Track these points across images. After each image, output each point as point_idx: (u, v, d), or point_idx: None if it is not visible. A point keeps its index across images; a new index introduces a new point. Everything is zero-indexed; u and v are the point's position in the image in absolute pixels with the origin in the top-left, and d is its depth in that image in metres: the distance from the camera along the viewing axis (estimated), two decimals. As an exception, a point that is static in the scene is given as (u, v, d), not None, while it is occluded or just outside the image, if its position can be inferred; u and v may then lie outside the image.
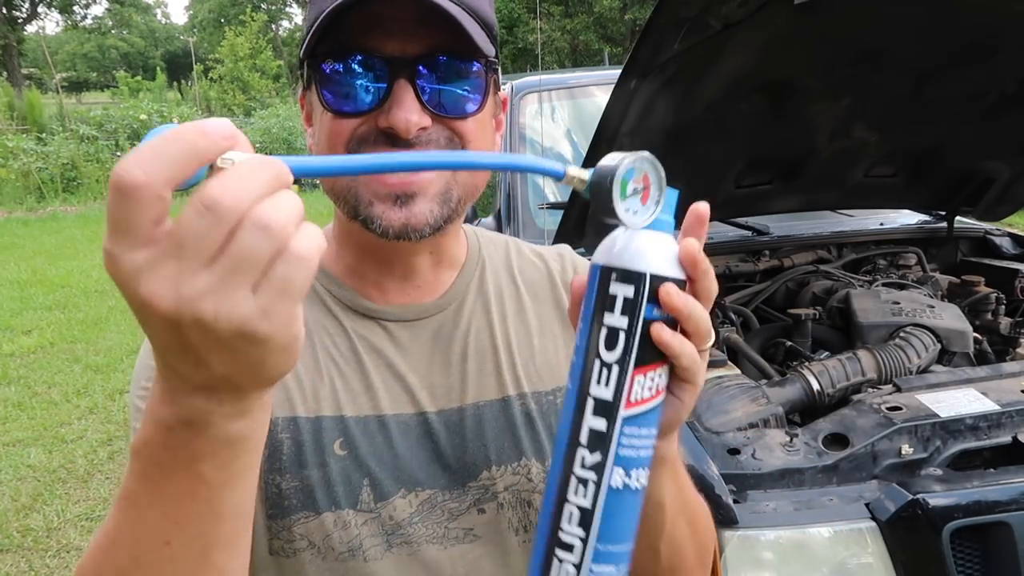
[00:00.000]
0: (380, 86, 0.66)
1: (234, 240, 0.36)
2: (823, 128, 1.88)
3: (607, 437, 0.51)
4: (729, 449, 1.28)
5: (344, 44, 0.66)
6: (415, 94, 0.66)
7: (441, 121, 0.68)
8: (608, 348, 0.51)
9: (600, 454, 0.51)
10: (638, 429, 0.52)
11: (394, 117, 0.65)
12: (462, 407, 0.77)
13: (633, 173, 0.49)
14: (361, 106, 0.67)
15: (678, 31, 1.31)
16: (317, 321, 0.76)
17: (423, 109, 0.66)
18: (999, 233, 2.46)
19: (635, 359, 0.51)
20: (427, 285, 0.79)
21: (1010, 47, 1.63)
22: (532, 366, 0.81)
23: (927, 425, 1.28)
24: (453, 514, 0.75)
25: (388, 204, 0.67)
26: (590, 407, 0.51)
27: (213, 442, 0.43)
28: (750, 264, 2.27)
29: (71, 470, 3.34)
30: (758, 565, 1.15)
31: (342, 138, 0.68)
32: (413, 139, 0.66)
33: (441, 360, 0.78)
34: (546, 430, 0.79)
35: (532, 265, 0.87)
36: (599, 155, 1.72)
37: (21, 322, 5.53)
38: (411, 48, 0.66)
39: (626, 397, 0.51)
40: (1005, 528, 1.14)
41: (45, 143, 11.64)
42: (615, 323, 0.51)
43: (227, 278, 0.36)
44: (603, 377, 0.51)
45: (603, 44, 17.83)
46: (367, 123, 0.67)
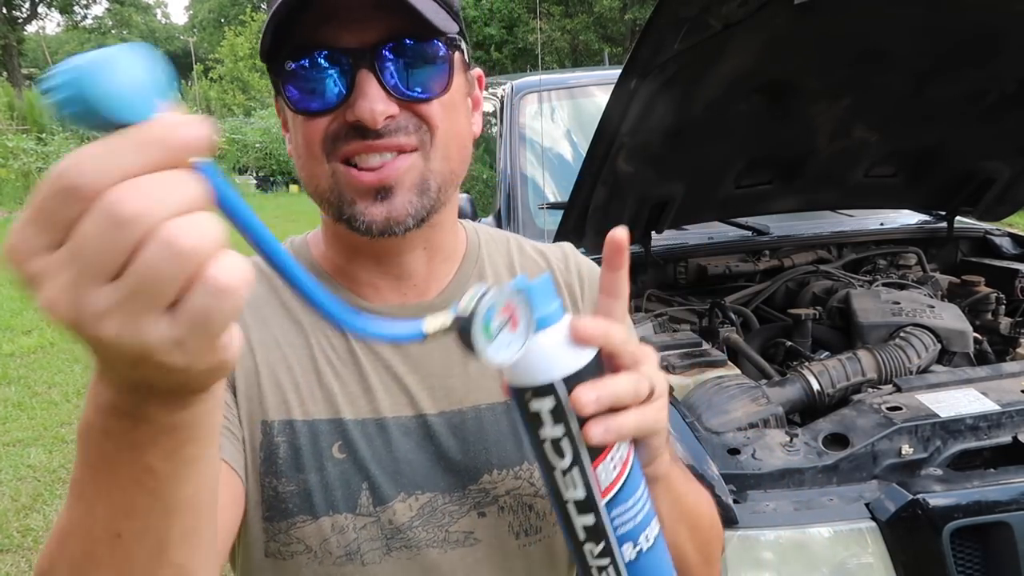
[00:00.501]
0: (343, 79, 0.65)
1: (138, 257, 0.31)
2: (823, 128, 1.88)
3: (600, 527, 0.53)
4: (729, 449, 1.28)
5: (301, 41, 0.65)
6: (378, 83, 0.64)
7: (408, 107, 0.66)
8: (559, 457, 0.52)
9: (604, 542, 0.54)
10: (624, 504, 0.53)
11: (359, 109, 0.63)
12: (463, 409, 0.76)
13: (494, 311, 0.48)
14: (327, 103, 0.66)
15: (678, 31, 1.31)
16: (313, 323, 0.75)
17: (388, 97, 0.65)
18: (999, 233, 2.46)
19: (588, 456, 0.52)
20: (423, 283, 0.78)
21: (1010, 47, 1.63)
22: None
23: (927, 425, 1.28)
24: (453, 517, 0.74)
25: (369, 200, 0.67)
26: (573, 510, 0.53)
27: (152, 430, 0.39)
28: (750, 264, 2.27)
29: (71, 470, 3.34)
30: (758, 565, 1.15)
31: (316, 139, 0.67)
32: (382, 129, 0.65)
33: (441, 361, 0.76)
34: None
35: (534, 263, 0.86)
36: (599, 155, 1.69)
37: (21, 322, 5.53)
38: (369, 36, 0.64)
39: (598, 489, 0.52)
40: (1005, 528, 1.14)
41: (45, 143, 11.65)
42: (553, 434, 0.52)
43: (130, 299, 0.32)
44: (569, 482, 0.53)
45: (603, 44, 17.83)
46: (336, 119, 0.66)
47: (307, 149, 0.68)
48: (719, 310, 1.92)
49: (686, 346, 1.68)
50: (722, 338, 1.81)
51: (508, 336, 0.49)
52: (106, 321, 0.32)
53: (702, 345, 1.70)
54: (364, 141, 0.65)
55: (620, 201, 1.80)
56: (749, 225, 2.22)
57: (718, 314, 1.91)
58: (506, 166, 2.45)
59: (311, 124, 0.67)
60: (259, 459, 0.71)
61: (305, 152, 0.68)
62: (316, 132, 0.67)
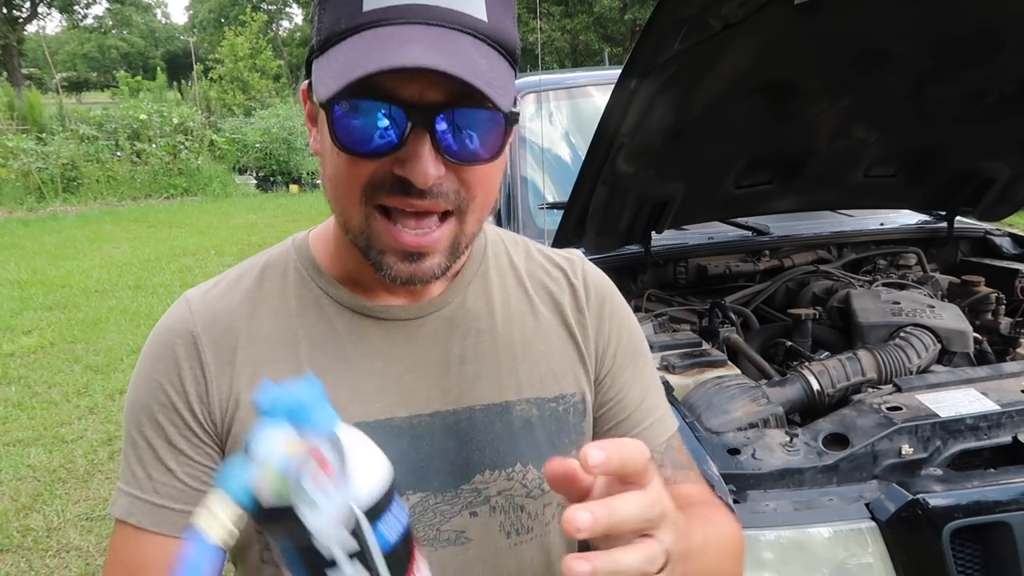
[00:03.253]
0: (396, 131, 0.63)
1: None
2: (823, 128, 1.88)
3: None
4: (729, 449, 1.28)
5: (359, 80, 0.61)
6: (432, 144, 0.62)
7: (453, 169, 0.65)
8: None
9: None
10: None
11: (412, 171, 0.62)
12: (457, 410, 0.76)
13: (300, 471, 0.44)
14: (375, 151, 0.63)
15: (678, 31, 1.31)
16: (308, 330, 0.75)
17: (438, 158, 0.63)
18: (999, 233, 2.46)
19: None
20: (427, 286, 0.78)
21: (1011, 47, 1.63)
22: (536, 372, 0.80)
23: (927, 425, 1.28)
24: (445, 516, 0.75)
25: (399, 258, 0.67)
26: None
27: None
28: (750, 264, 2.27)
29: (71, 470, 3.34)
30: (758, 565, 1.15)
31: (359, 182, 0.65)
32: (427, 190, 0.64)
33: (439, 361, 0.77)
34: (545, 436, 0.78)
35: (541, 268, 0.86)
36: (599, 155, 1.69)
37: (21, 322, 5.53)
38: (430, 95, 0.62)
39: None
40: (1005, 528, 1.14)
41: (45, 143, 11.64)
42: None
43: None
44: None
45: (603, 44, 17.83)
46: (383, 167, 0.64)
47: (346, 185, 0.66)
48: (719, 310, 1.92)
49: (686, 346, 1.68)
50: (722, 338, 1.81)
51: (325, 485, 0.44)
52: None
53: (702, 345, 1.70)
54: (407, 198, 0.64)
55: (620, 201, 1.80)
56: (749, 225, 2.22)
57: (718, 314, 1.91)
58: (506, 166, 2.44)
59: (356, 165, 0.65)
60: None
61: (344, 187, 0.67)
62: (359, 175, 0.65)
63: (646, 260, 2.08)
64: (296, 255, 0.80)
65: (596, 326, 0.84)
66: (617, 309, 0.87)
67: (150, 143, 12.33)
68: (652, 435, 0.84)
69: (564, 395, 0.81)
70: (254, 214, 10.49)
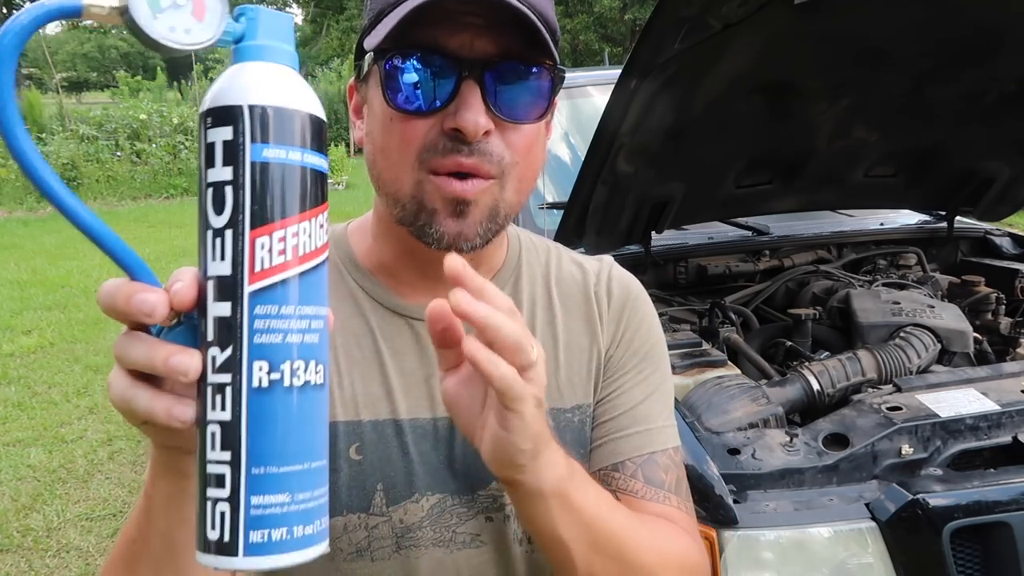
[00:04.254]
0: (448, 86, 0.64)
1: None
2: (823, 128, 1.88)
3: (233, 324, 0.41)
4: (729, 449, 1.28)
5: (411, 40, 0.64)
6: (482, 96, 0.64)
7: (501, 127, 0.67)
8: (216, 210, 0.41)
9: (231, 348, 0.41)
10: (279, 305, 0.42)
11: (462, 119, 0.63)
12: None
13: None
14: (427, 106, 0.65)
15: (678, 31, 1.31)
16: (343, 323, 0.76)
17: (488, 112, 0.65)
18: (999, 233, 2.46)
19: (249, 220, 0.41)
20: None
21: (1010, 47, 1.63)
22: (554, 381, 0.80)
23: (927, 425, 1.28)
24: (461, 519, 0.75)
25: (448, 212, 0.67)
26: (211, 292, 0.42)
27: (156, 465, 0.54)
28: (750, 264, 2.27)
29: (71, 470, 3.34)
30: (758, 565, 1.15)
31: (413, 146, 0.66)
32: (475, 144, 0.65)
33: None
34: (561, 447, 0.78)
35: (570, 276, 0.86)
36: (599, 155, 1.69)
37: (21, 322, 5.53)
38: (481, 48, 0.64)
39: (248, 268, 0.41)
40: (1005, 528, 1.14)
41: (45, 143, 11.63)
42: (218, 177, 0.41)
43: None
44: (216, 249, 0.42)
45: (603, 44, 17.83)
46: (434, 127, 0.66)
47: (401, 150, 0.67)
48: (719, 310, 1.92)
49: (686, 346, 1.68)
50: (722, 338, 1.81)
51: (186, 20, 0.40)
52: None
53: (702, 345, 1.70)
54: (457, 157, 0.65)
55: (620, 201, 1.79)
56: (749, 225, 2.22)
57: (718, 314, 1.91)
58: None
59: (409, 125, 0.66)
60: None
61: (398, 152, 0.67)
62: (415, 137, 0.66)
63: (646, 260, 2.08)
64: (334, 247, 0.80)
65: (612, 329, 0.84)
66: (636, 312, 0.87)
67: (150, 143, 12.32)
68: (635, 443, 0.80)
69: (580, 405, 0.81)
70: (254, 214, 10.47)
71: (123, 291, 0.43)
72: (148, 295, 0.43)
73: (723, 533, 1.15)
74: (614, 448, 0.80)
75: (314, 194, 0.43)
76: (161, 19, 0.40)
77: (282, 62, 0.44)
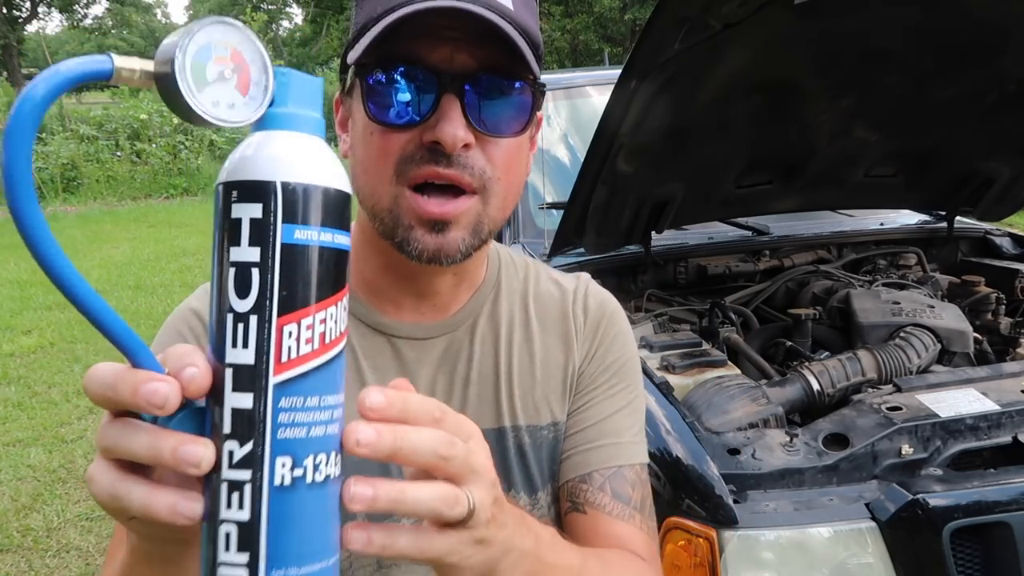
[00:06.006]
0: (427, 99, 0.65)
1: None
2: (823, 128, 1.88)
3: (256, 417, 0.38)
4: (729, 449, 1.28)
5: (392, 54, 0.65)
6: (462, 110, 0.65)
7: (482, 141, 0.67)
8: (240, 294, 0.38)
9: (252, 443, 0.38)
10: (304, 396, 0.39)
11: (440, 131, 0.64)
12: None
13: (212, 50, 0.37)
14: (407, 119, 0.66)
15: (678, 31, 1.31)
16: None
17: (467, 126, 0.65)
18: (999, 233, 2.46)
19: (278, 305, 0.38)
20: (442, 304, 0.79)
21: (1010, 47, 1.63)
22: (530, 399, 0.80)
23: (927, 425, 1.28)
24: None
25: (426, 229, 0.67)
26: (228, 380, 0.39)
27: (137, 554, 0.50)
28: (750, 264, 2.27)
29: (71, 470, 3.34)
30: (758, 565, 1.15)
31: (392, 158, 0.66)
32: (454, 157, 0.65)
33: (445, 382, 0.78)
34: (536, 464, 0.79)
35: (548, 293, 0.87)
36: (599, 155, 1.68)
37: (21, 322, 5.53)
38: (461, 62, 0.65)
39: (274, 358, 0.38)
40: (1005, 528, 1.14)
41: (45, 143, 11.63)
42: (244, 258, 0.38)
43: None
44: (238, 335, 0.38)
45: (603, 44, 17.84)
46: (413, 140, 0.66)
47: (378, 163, 0.67)
48: (719, 310, 1.92)
49: (686, 346, 1.68)
50: (722, 338, 1.81)
51: (230, 94, 0.38)
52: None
53: (702, 345, 1.70)
54: (435, 167, 0.65)
55: (620, 201, 1.80)
56: (749, 225, 2.22)
57: (718, 314, 1.91)
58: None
59: (388, 138, 0.66)
60: None
61: (375, 166, 0.68)
62: (392, 150, 0.66)
63: (646, 260, 2.08)
64: None
65: (587, 345, 0.85)
66: (611, 328, 0.87)
67: (150, 143, 12.32)
68: (603, 455, 0.80)
69: (556, 422, 0.82)
70: (254, 214, 10.48)
71: (127, 380, 0.39)
72: (159, 385, 0.38)
73: (723, 533, 1.15)
74: (583, 459, 0.81)
75: (341, 275, 0.41)
76: (206, 92, 0.37)
77: (312, 131, 0.41)
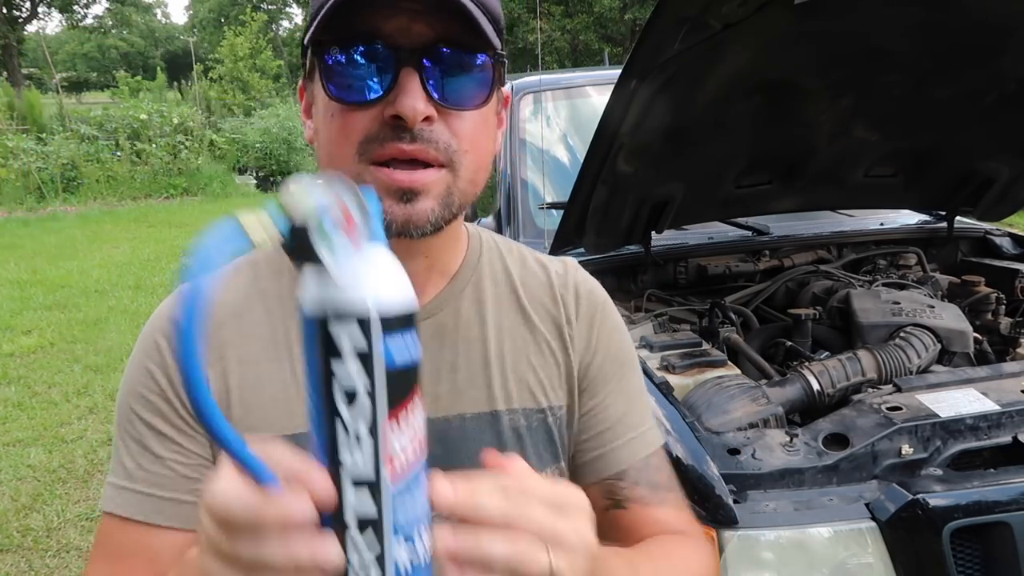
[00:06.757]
0: (387, 75, 0.64)
1: None
2: (823, 128, 1.88)
3: (379, 525, 0.42)
4: (729, 449, 1.28)
5: (349, 31, 0.64)
6: (421, 83, 0.64)
7: (444, 115, 0.66)
8: (352, 415, 0.42)
9: (377, 544, 0.43)
10: (413, 500, 0.44)
11: (401, 105, 0.63)
12: (447, 417, 0.76)
13: (328, 211, 0.41)
14: (367, 95, 0.65)
15: (678, 31, 1.31)
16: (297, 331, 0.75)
17: (428, 99, 0.64)
18: (999, 233, 2.46)
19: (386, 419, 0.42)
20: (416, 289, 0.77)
21: (1011, 47, 1.63)
22: (524, 383, 0.80)
23: (927, 425, 1.28)
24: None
25: (394, 200, 0.66)
26: (350, 494, 0.42)
27: None
28: (750, 264, 2.27)
29: (71, 470, 3.34)
30: (758, 565, 1.15)
31: (355, 137, 0.66)
32: (416, 132, 0.64)
33: (430, 368, 0.76)
34: (533, 448, 0.79)
35: (535, 277, 0.85)
36: (599, 155, 1.69)
37: (21, 322, 5.53)
38: (419, 36, 0.64)
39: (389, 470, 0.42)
40: (1005, 528, 1.14)
41: (45, 143, 11.64)
42: (350, 380, 0.41)
43: None
44: (356, 452, 0.42)
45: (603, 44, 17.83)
46: (375, 118, 0.65)
47: (340, 143, 0.67)
48: (719, 310, 1.92)
49: (686, 346, 1.68)
50: (722, 338, 1.81)
51: (343, 239, 0.41)
52: None
53: (702, 345, 1.70)
54: (398, 144, 0.64)
55: (620, 201, 1.80)
56: (749, 225, 2.22)
57: (718, 314, 1.91)
58: (506, 166, 2.45)
59: (349, 117, 0.66)
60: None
61: (337, 145, 0.67)
62: (355, 129, 0.66)
63: (646, 260, 2.08)
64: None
65: (585, 335, 0.84)
66: (608, 319, 0.87)
67: (150, 143, 12.33)
68: (631, 450, 0.83)
69: (552, 407, 0.81)
70: (254, 214, 10.49)
71: (271, 506, 0.41)
72: (302, 505, 0.41)
73: (723, 533, 1.15)
74: (614, 458, 0.82)
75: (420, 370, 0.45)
76: (327, 245, 0.41)
77: (387, 246, 0.44)
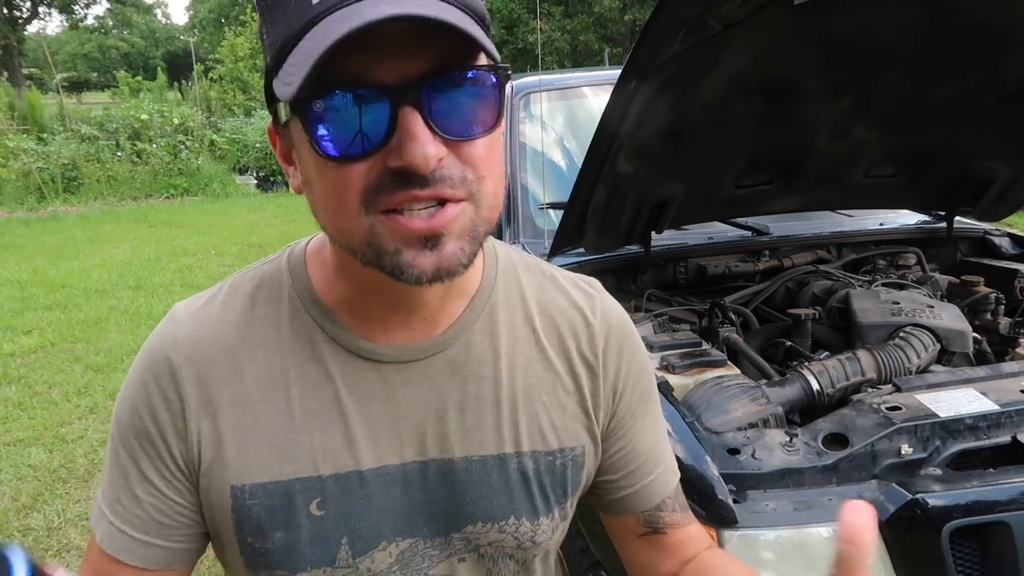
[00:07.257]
0: (383, 120, 0.55)
1: None
2: (823, 128, 1.88)
3: None
4: (729, 449, 1.28)
5: (331, 76, 0.53)
6: (424, 122, 0.55)
7: (454, 146, 0.57)
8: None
9: None
10: None
11: (410, 154, 0.54)
12: (453, 459, 0.72)
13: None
14: (364, 148, 0.56)
15: (678, 31, 1.31)
16: (298, 369, 0.70)
17: (436, 137, 0.55)
18: (999, 233, 2.46)
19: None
20: (432, 318, 0.72)
21: (1011, 47, 1.63)
22: (536, 424, 0.75)
23: (927, 425, 1.28)
24: (433, 561, 0.73)
25: (416, 248, 0.58)
26: None
27: None
28: (750, 264, 2.27)
29: (71, 470, 3.34)
30: (758, 565, 1.15)
31: (354, 191, 0.57)
32: (430, 175, 0.56)
33: (437, 407, 0.72)
34: (540, 491, 0.75)
35: (555, 305, 0.78)
36: (599, 155, 1.69)
37: (21, 322, 5.53)
38: (411, 67, 0.55)
39: None
40: (1005, 528, 1.14)
41: (46, 143, 11.64)
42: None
43: None
44: None
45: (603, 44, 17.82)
46: (375, 167, 0.56)
47: (340, 201, 0.58)
48: (719, 310, 1.92)
49: (686, 346, 1.68)
50: (722, 338, 1.81)
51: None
52: None
53: (702, 345, 1.70)
54: (410, 191, 0.56)
55: (620, 201, 1.80)
56: (749, 225, 2.22)
57: (718, 314, 1.91)
58: (506, 166, 2.45)
59: (345, 172, 0.57)
60: (231, 521, 0.70)
61: (336, 204, 0.59)
62: (353, 183, 0.57)
63: (646, 260, 2.08)
64: (291, 277, 0.73)
65: (614, 370, 0.79)
66: (636, 352, 0.82)
67: (151, 143, 12.32)
68: (663, 483, 0.84)
69: (564, 448, 0.76)
70: (254, 214, 10.49)
71: None
72: None
73: (723, 533, 1.15)
74: (651, 492, 0.84)
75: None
76: None
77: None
